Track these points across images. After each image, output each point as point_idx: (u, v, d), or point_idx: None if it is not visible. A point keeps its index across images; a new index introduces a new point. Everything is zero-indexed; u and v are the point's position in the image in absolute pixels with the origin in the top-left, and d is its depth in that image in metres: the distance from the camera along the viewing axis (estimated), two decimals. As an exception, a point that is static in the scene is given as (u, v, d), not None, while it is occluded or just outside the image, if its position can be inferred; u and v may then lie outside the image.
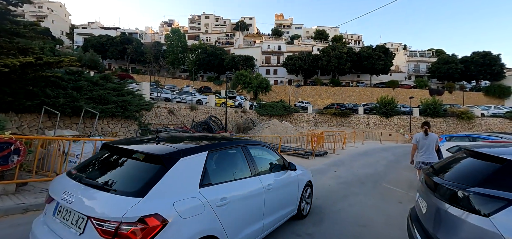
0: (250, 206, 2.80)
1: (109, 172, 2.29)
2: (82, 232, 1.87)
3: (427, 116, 28.93)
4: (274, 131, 18.64)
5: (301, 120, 31.38)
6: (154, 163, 2.17)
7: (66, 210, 2.05)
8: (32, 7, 78.19)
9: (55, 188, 2.27)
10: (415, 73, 57.65)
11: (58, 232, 2.01)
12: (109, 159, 2.45)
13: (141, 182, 2.03)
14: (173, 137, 3.18)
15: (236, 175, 2.82)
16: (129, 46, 56.54)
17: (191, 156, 2.35)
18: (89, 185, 2.10)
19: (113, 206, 1.84)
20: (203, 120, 17.51)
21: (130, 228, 1.75)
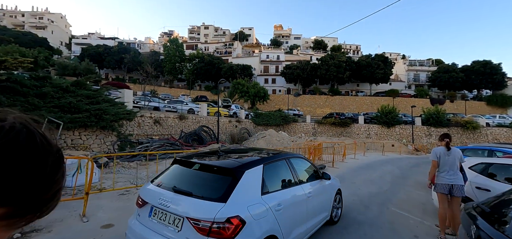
0: (297, 211, 3.22)
1: (191, 182, 2.82)
2: (179, 229, 2.39)
3: (430, 126, 27.87)
4: (270, 141, 17.51)
5: (299, 130, 30.28)
6: (226, 174, 2.65)
7: (162, 212, 2.54)
8: (33, 18, 78.89)
9: (147, 194, 2.79)
10: (415, 82, 56.99)
11: (157, 230, 2.52)
12: (185, 171, 2.97)
13: (221, 190, 2.50)
14: (229, 151, 3.76)
15: (284, 184, 3.23)
16: (126, 55, 56.09)
17: (253, 168, 2.79)
18: (180, 192, 2.59)
19: (205, 209, 2.36)
20: (193, 130, 16.42)
21: (221, 226, 2.26)
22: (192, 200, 2.49)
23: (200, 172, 2.88)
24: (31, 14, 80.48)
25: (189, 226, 2.30)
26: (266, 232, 2.55)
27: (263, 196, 2.74)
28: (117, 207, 4.86)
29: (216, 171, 2.80)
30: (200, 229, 2.25)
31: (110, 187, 6.23)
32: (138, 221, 2.79)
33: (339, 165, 12.01)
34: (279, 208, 2.83)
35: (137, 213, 2.87)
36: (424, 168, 13.30)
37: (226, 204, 2.39)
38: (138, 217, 2.84)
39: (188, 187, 2.73)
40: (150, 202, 2.72)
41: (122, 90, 12.94)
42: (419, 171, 12.04)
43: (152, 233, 2.55)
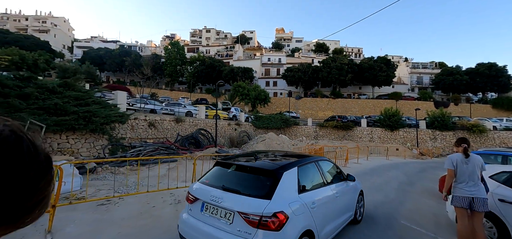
0: (328, 209, 3.54)
1: (237, 181, 3.22)
2: (231, 222, 2.79)
3: (435, 130, 27.13)
4: (269, 145, 16.96)
5: (300, 133, 29.67)
6: (267, 175, 3.07)
7: (213, 207, 2.96)
8: (36, 22, 79.50)
9: (197, 192, 3.23)
10: (418, 85, 56.23)
11: (209, 222, 2.95)
12: (229, 172, 3.38)
13: (265, 189, 2.92)
14: (263, 154, 4.07)
15: (315, 184, 3.56)
16: (127, 58, 56.00)
17: (290, 170, 3.20)
18: (228, 190, 3.02)
19: (253, 205, 2.73)
20: (191, 133, 15.91)
21: (268, 220, 2.61)
22: (241, 197, 2.88)
23: (243, 173, 3.30)
24: (34, 18, 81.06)
25: (240, 219, 2.65)
26: (304, 227, 2.90)
27: (300, 195, 3.10)
28: (92, 220, 4.34)
29: (258, 172, 3.19)
30: (250, 222, 2.60)
31: (92, 195, 5.73)
32: (191, 215, 3.21)
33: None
34: (313, 206, 3.17)
35: (189, 208, 3.29)
36: (430, 173, 12.66)
37: (271, 201, 2.76)
38: (190, 212, 3.25)
39: (235, 185, 3.11)
40: (201, 198, 3.12)
41: (115, 92, 12.49)
42: (426, 176, 11.40)
43: (205, 225, 2.95)
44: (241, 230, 2.67)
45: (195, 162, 5.75)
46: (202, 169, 8.86)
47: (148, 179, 6.45)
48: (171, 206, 5.27)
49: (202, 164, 10.17)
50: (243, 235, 2.65)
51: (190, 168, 8.90)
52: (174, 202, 5.49)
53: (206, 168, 8.93)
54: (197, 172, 9.03)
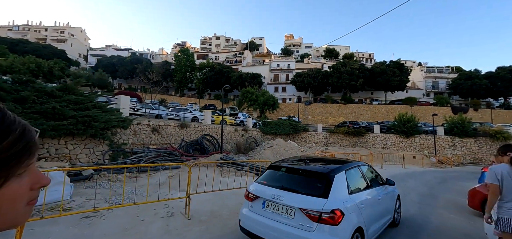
0: (373, 210, 3.86)
1: (294, 182, 3.64)
2: (293, 217, 3.19)
3: (454, 136, 25.54)
4: (277, 152, 16.28)
5: (309, 139, 28.76)
6: (321, 178, 3.46)
7: (275, 204, 3.37)
8: (55, 32, 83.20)
9: (256, 191, 3.67)
10: (434, 90, 53.99)
11: (271, 217, 3.36)
12: (285, 174, 3.85)
13: (320, 189, 3.31)
14: (311, 159, 4.64)
15: (360, 187, 3.89)
16: (139, 65, 57.16)
17: (340, 173, 3.56)
18: (287, 190, 3.44)
19: (312, 203, 3.12)
20: (195, 139, 15.50)
21: (327, 216, 2.98)
22: (300, 196, 3.28)
23: (297, 175, 3.71)
24: (53, 28, 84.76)
25: (301, 214, 2.98)
26: (356, 223, 3.20)
27: (350, 195, 3.41)
28: (71, 236, 3.87)
29: (312, 175, 3.58)
30: (311, 217, 2.95)
31: (80, 206, 5.30)
32: (252, 211, 3.61)
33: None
34: (362, 206, 3.48)
35: (249, 205, 3.68)
36: (453, 184, 11.57)
37: (328, 200, 3.11)
38: (251, 208, 3.65)
39: (293, 186, 3.52)
40: (262, 196, 3.53)
41: (118, 96, 12.31)
42: (449, 187, 10.37)
43: (268, 220, 3.34)
44: (303, 224, 3.04)
45: (190, 170, 5.21)
46: (206, 176, 8.36)
47: (147, 188, 5.98)
48: (162, 219, 4.75)
49: (206, 171, 9.68)
50: (305, 228, 3.02)
51: (194, 175, 8.41)
52: (166, 215, 4.96)
53: (210, 175, 8.41)
54: (201, 180, 8.54)
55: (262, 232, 3.38)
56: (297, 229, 3.10)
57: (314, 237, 3.00)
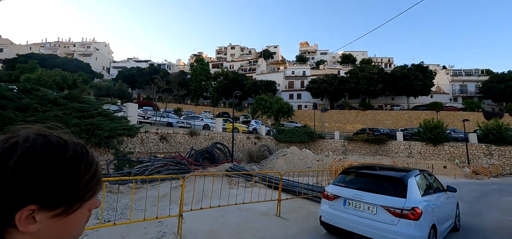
0: (441, 212, 4.34)
1: (370, 184, 4.27)
2: (375, 213, 3.78)
3: (490, 144, 23.05)
4: (291, 161, 15.35)
5: (326, 147, 27.38)
6: (396, 181, 4.03)
7: (356, 202, 3.99)
8: (81, 48, 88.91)
9: (335, 191, 4.35)
10: (462, 94, 50.18)
11: (353, 213, 3.97)
12: (358, 177, 4.59)
13: (398, 190, 3.84)
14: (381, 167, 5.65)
15: (429, 191, 4.41)
16: (156, 76, 58.97)
17: (412, 177, 4.09)
18: (366, 190, 4.04)
19: (393, 201, 3.69)
20: (205, 147, 15.02)
21: (409, 212, 3.51)
22: (380, 195, 3.93)
23: (373, 179, 4.44)
24: (80, 44, 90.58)
25: (383, 211, 3.60)
26: (431, 221, 3.79)
27: (422, 197, 3.96)
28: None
29: (388, 179, 4.23)
30: (393, 213, 3.56)
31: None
32: (333, 209, 4.29)
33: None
34: (434, 207, 4.06)
35: (329, 204, 4.36)
36: (497, 199, 9.97)
37: (407, 199, 3.71)
38: (331, 206, 4.32)
39: (371, 187, 4.17)
40: (342, 196, 4.23)
41: (126, 104, 12.20)
42: (493, 204, 8.89)
43: (350, 216, 4.03)
44: (385, 219, 3.49)
45: (183, 184, 4.58)
46: (215, 188, 7.61)
47: (145, 201, 5.44)
48: (150, 242, 4.12)
49: (213, 181, 9.04)
50: (388, 222, 3.45)
51: (199, 186, 7.80)
52: (156, 236, 4.33)
53: (217, 187, 7.72)
54: (206, 192, 7.87)
55: (345, 225, 4.06)
56: (380, 223, 3.67)
57: (397, 229, 3.57)
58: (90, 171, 0.52)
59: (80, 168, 0.51)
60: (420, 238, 3.52)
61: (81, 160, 0.51)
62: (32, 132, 0.50)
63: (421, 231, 3.51)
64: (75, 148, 0.52)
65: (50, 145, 0.49)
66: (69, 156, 0.50)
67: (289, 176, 10.02)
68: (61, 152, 0.49)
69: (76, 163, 0.50)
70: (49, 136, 0.50)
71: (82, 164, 0.51)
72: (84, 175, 0.51)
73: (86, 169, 0.52)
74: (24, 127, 0.51)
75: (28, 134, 0.49)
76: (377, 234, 3.68)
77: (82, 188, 0.51)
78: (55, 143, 0.49)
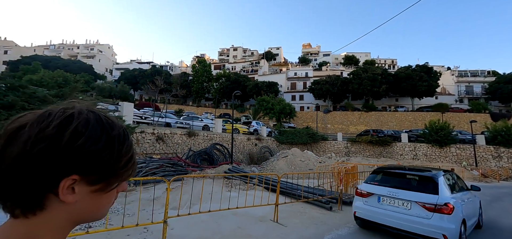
0: (468, 209, 4.70)
1: (404, 182, 4.72)
2: (410, 208, 4.19)
3: (499, 146, 22.35)
4: (292, 162, 14.89)
5: (329, 149, 26.84)
6: (428, 180, 4.49)
7: (390, 199, 4.42)
8: (85, 50, 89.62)
9: (369, 189, 4.83)
10: (468, 95, 49.20)
11: (388, 209, 4.41)
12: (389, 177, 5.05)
13: (430, 188, 4.26)
14: (410, 168, 5.47)
15: (456, 189, 4.84)
16: (158, 77, 58.99)
17: (442, 176, 4.53)
18: (400, 188, 4.48)
19: (427, 198, 4.09)
20: (204, 148, 14.63)
21: (442, 207, 3.92)
22: (414, 192, 4.36)
23: (405, 178, 4.87)
24: (84, 46, 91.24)
25: (417, 206, 3.98)
26: (461, 216, 4.16)
27: (452, 194, 4.35)
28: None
29: (420, 178, 4.67)
30: (427, 208, 3.92)
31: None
32: (368, 205, 4.77)
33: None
34: (462, 203, 4.42)
35: (363, 201, 4.86)
36: (509, 202, 9.44)
37: (439, 196, 4.11)
38: (365, 203, 4.82)
39: (404, 185, 4.62)
40: (376, 193, 4.71)
41: (122, 103, 11.86)
42: (507, 208, 8.35)
43: (385, 211, 4.48)
44: (420, 213, 3.95)
45: (169, 186, 4.16)
46: (212, 190, 7.16)
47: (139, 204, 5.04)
48: (131, 250, 3.71)
49: (211, 183, 8.62)
50: (422, 216, 3.90)
51: (195, 189, 7.39)
52: (138, 244, 3.92)
53: (217, 189, 7.32)
54: (199, 194, 7.46)
55: (381, 220, 4.49)
56: (415, 217, 4.03)
57: (432, 222, 3.96)
58: (130, 152, 0.55)
59: (122, 147, 0.53)
60: (453, 230, 3.90)
61: (124, 140, 0.54)
62: (85, 107, 0.53)
63: (454, 224, 3.94)
64: (120, 129, 0.55)
65: (100, 121, 0.52)
66: (115, 134, 0.53)
67: (289, 178, 9.57)
68: (109, 130, 0.52)
69: (120, 142, 0.53)
70: (100, 114, 0.54)
71: (125, 144, 0.54)
72: (125, 155, 0.54)
73: (127, 150, 0.54)
74: (78, 101, 0.54)
75: (82, 109, 0.52)
76: (413, 227, 4.09)
77: (122, 167, 0.53)
78: (104, 121, 0.52)
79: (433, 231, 3.89)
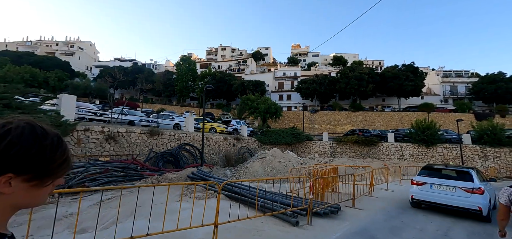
0: (490, 192, 6.68)
1: (447, 175, 6.96)
2: (454, 191, 6.52)
3: (485, 146, 21.82)
4: (269, 164, 13.43)
5: (314, 149, 25.67)
6: (465, 173, 6.78)
7: (440, 186, 6.66)
8: (65, 47, 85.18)
9: (425, 179, 7.01)
10: (453, 95, 49.65)
11: (438, 193, 6.67)
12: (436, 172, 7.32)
13: (467, 178, 6.50)
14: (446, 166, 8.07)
15: (481, 180, 6.77)
16: (140, 75, 56.33)
17: (474, 171, 6.78)
18: (446, 178, 6.80)
19: (467, 184, 6.34)
20: (170, 149, 12.95)
21: (477, 189, 6.20)
22: (457, 181, 6.48)
23: (448, 171, 7.06)
24: (64, 43, 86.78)
25: (460, 190, 5.77)
26: (488, 197, 6.16)
27: (481, 182, 6.28)
28: None
29: (460, 172, 6.91)
30: (467, 191, 5.72)
31: None
32: (422, 190, 6.90)
33: (364, 203, 7.61)
34: (487, 188, 6.30)
35: (418, 188, 7.01)
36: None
37: (474, 183, 6.23)
38: (420, 189, 6.94)
39: (449, 176, 6.81)
40: (428, 182, 6.85)
41: (60, 95, 10.01)
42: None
43: (436, 194, 6.61)
44: (462, 195, 5.63)
45: (81, 202, 2.57)
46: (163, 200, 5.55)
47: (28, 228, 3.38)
48: None
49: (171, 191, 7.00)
50: (464, 196, 5.59)
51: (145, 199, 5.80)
52: None
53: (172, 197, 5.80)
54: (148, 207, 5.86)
55: (433, 199, 6.73)
56: (458, 197, 6.12)
57: (471, 200, 6.09)
58: (63, 156, 0.67)
59: (55, 153, 0.65)
60: (485, 205, 6.01)
61: (57, 146, 0.66)
62: (24, 121, 0.65)
63: (485, 200, 6.03)
64: (53, 138, 0.66)
65: (34, 133, 0.64)
66: (47, 143, 0.64)
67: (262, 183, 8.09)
68: (41, 139, 0.64)
69: (52, 149, 0.65)
70: (35, 126, 0.65)
71: (58, 150, 0.66)
72: (58, 159, 0.66)
73: (60, 155, 0.66)
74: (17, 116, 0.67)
75: (19, 123, 0.64)
76: (457, 203, 6.22)
77: (55, 168, 0.65)
78: (38, 132, 0.64)
79: (472, 205, 6.05)
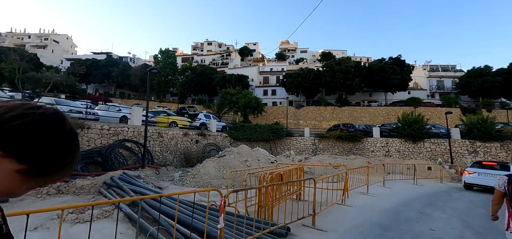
0: None
1: (490, 167, 10.79)
2: (494, 177, 9.64)
3: (474, 140, 20.27)
4: (228, 164, 10.99)
5: (295, 146, 23.48)
6: (504, 165, 10.67)
7: (485, 174, 10.43)
8: (37, 40, 79.37)
9: (474, 170, 10.88)
10: (439, 90, 48.87)
11: (484, 178, 10.43)
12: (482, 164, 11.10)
13: (506, 169, 10.08)
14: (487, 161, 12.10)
15: None
16: (114, 69, 52.50)
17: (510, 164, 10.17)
18: (489, 169, 10.58)
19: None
20: (101, 146, 10.26)
21: None
22: (498, 171, 10.02)
23: (490, 164, 11.00)
24: (37, 36, 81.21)
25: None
26: None
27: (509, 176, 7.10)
28: None
29: (500, 165, 10.71)
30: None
31: None
32: (471, 177, 10.69)
33: (332, 217, 5.28)
34: None
35: (469, 176, 10.76)
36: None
37: (510, 171, 7.97)
38: (471, 176, 10.72)
39: (491, 169, 10.55)
40: (477, 171, 10.62)
41: None
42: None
43: (482, 179, 10.42)
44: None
45: None
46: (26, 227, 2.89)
47: None
48: None
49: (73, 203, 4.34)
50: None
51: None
52: None
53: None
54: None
55: (480, 183, 10.29)
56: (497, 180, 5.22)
57: None
58: (67, 159, 0.61)
59: (61, 155, 0.59)
60: None
61: (67, 147, 0.60)
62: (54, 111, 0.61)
63: None
64: (67, 137, 0.59)
65: (51, 126, 0.57)
66: (59, 139, 0.59)
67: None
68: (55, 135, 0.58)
69: (61, 148, 0.58)
70: (57, 120, 0.60)
71: (66, 152, 0.60)
72: (62, 161, 0.60)
73: (65, 157, 0.60)
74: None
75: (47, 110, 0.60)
76: None
77: (55, 168, 0.59)
78: (55, 127, 0.58)
79: None
